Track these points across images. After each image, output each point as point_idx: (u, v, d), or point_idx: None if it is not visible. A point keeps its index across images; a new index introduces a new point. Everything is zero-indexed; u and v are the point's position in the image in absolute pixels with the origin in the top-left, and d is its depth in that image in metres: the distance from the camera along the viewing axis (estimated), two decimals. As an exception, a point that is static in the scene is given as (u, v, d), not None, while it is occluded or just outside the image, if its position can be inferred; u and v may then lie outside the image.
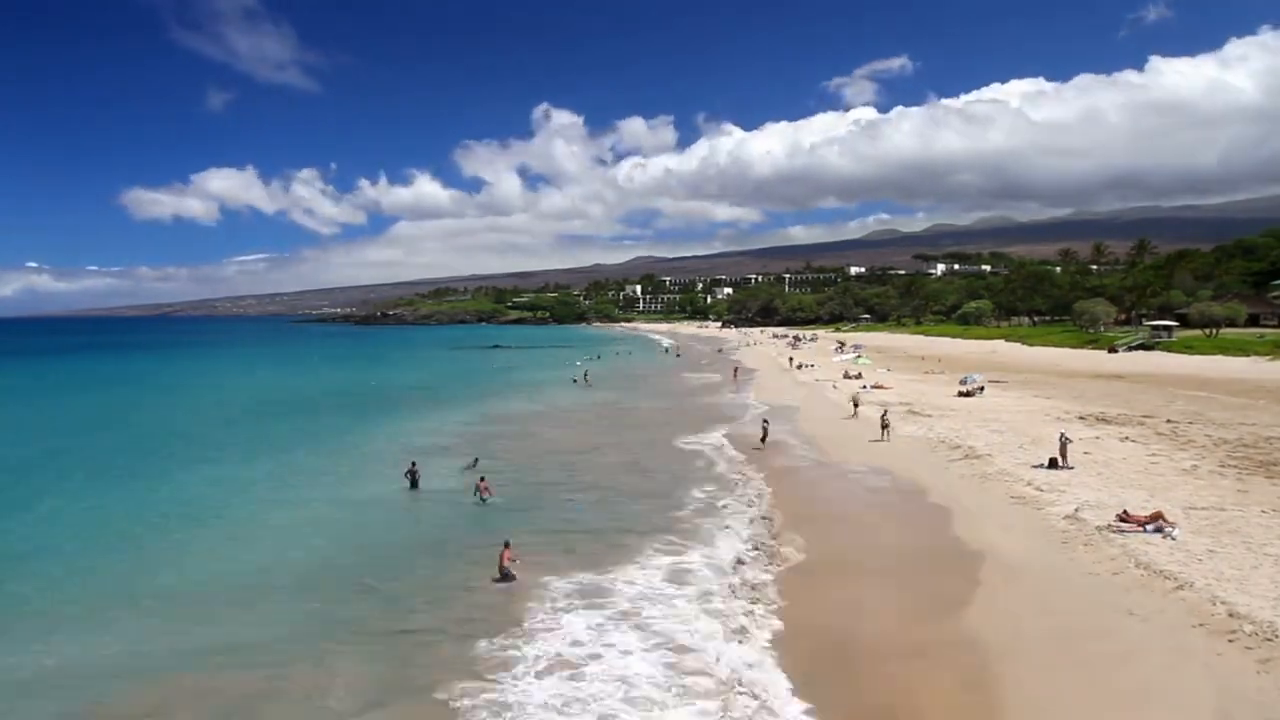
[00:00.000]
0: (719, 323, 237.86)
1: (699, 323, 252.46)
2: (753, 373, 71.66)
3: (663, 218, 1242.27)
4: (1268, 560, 16.20)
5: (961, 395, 47.26)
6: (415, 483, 26.66)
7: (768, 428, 34.62)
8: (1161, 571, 15.84)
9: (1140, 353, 74.96)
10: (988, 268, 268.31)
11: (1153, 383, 52.33)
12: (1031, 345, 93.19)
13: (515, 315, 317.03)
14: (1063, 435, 27.29)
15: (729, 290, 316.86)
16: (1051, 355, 79.95)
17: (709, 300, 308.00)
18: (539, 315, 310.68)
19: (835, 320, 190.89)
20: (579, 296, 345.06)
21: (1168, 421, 35.30)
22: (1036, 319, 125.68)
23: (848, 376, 61.48)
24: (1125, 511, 19.48)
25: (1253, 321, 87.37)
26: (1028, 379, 57.94)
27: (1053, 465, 25.88)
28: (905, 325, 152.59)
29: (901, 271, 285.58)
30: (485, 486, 25.15)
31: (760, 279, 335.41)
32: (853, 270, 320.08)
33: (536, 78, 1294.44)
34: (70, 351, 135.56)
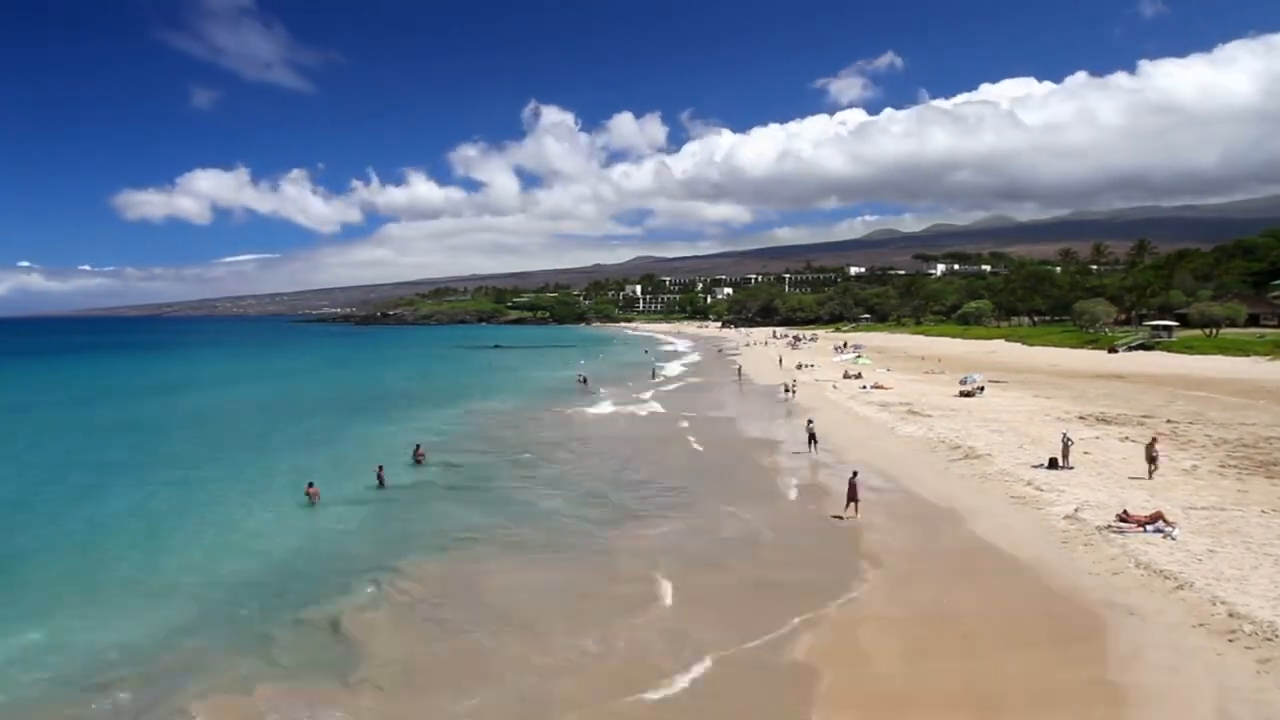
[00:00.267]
0: (719, 323, 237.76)
1: (699, 323, 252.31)
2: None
3: (663, 218, 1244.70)
4: (1268, 560, 16.21)
5: (961, 395, 47.27)
6: (382, 483, 27.14)
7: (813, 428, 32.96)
8: (1161, 571, 15.85)
9: (1140, 353, 74.95)
10: (987, 268, 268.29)
11: (1153, 383, 52.32)
12: (1031, 345, 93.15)
13: (515, 315, 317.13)
14: (1065, 436, 27.25)
15: (729, 290, 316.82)
16: (1051, 355, 79.89)
17: (709, 300, 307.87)
18: (539, 315, 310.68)
19: (835, 320, 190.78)
20: (579, 296, 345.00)
21: (1168, 421, 35.30)
22: (1036, 319, 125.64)
23: (847, 376, 61.50)
24: (1125, 511, 19.49)
25: (1253, 321, 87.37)
26: (1028, 379, 57.92)
27: (1053, 465, 25.89)
28: (905, 325, 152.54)
29: (901, 271, 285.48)
30: (421, 454, 29.57)
31: (760, 279, 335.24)
32: (853, 270, 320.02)
33: (535, 77, 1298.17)
34: (84, 351, 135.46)
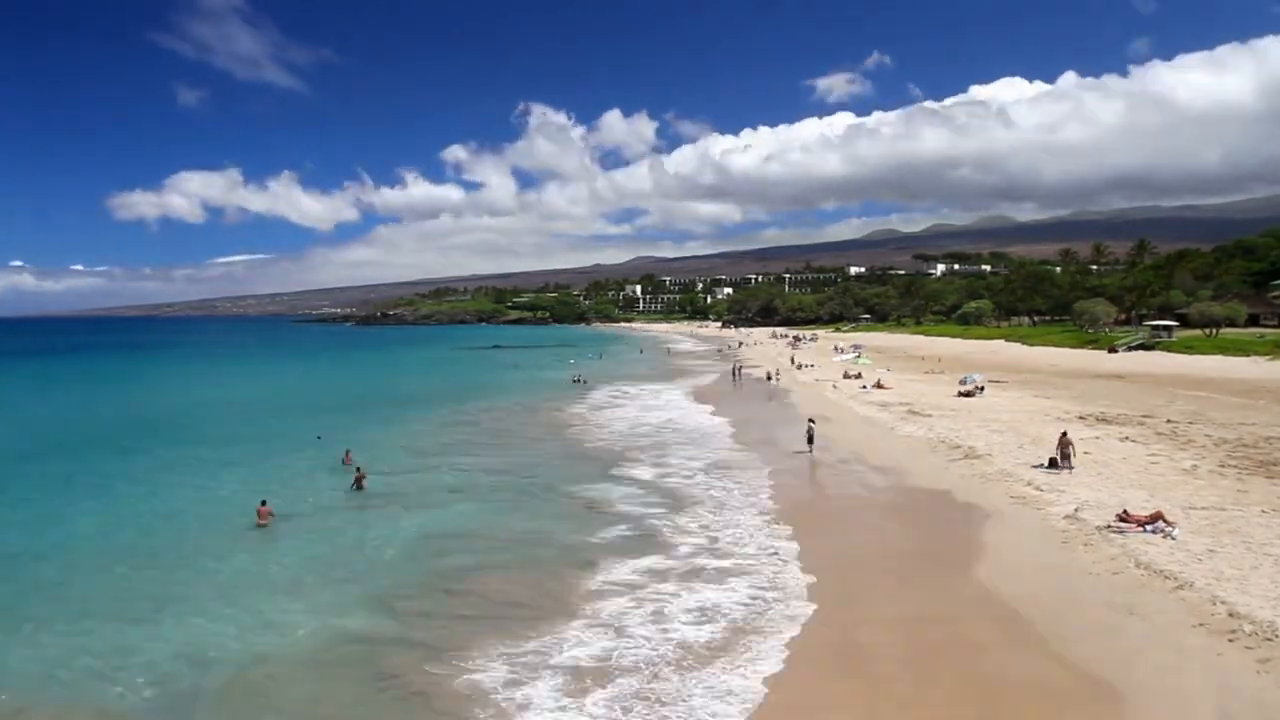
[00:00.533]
0: (719, 323, 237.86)
1: (699, 323, 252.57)
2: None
3: (663, 218, 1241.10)
4: (1268, 560, 16.19)
5: (961, 395, 47.27)
6: (360, 486, 26.82)
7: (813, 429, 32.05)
8: (1161, 571, 15.84)
9: (1140, 353, 74.95)
10: (988, 268, 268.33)
11: (1153, 383, 52.32)
12: (1031, 345, 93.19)
13: (515, 315, 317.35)
14: (1065, 435, 27.02)
15: (729, 290, 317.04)
16: (1051, 355, 79.91)
17: (709, 300, 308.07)
18: (539, 315, 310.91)
19: (835, 320, 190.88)
20: (579, 296, 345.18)
21: (1168, 421, 35.28)
22: (1036, 319, 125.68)
23: (847, 376, 61.51)
24: (1125, 511, 19.48)
25: (1253, 321, 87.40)
26: (1028, 379, 57.93)
27: (1052, 465, 25.87)
28: (905, 325, 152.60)
29: (901, 271, 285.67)
30: (361, 476, 27.11)
31: (760, 279, 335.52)
32: (852, 270, 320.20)
33: (532, 77, 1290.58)
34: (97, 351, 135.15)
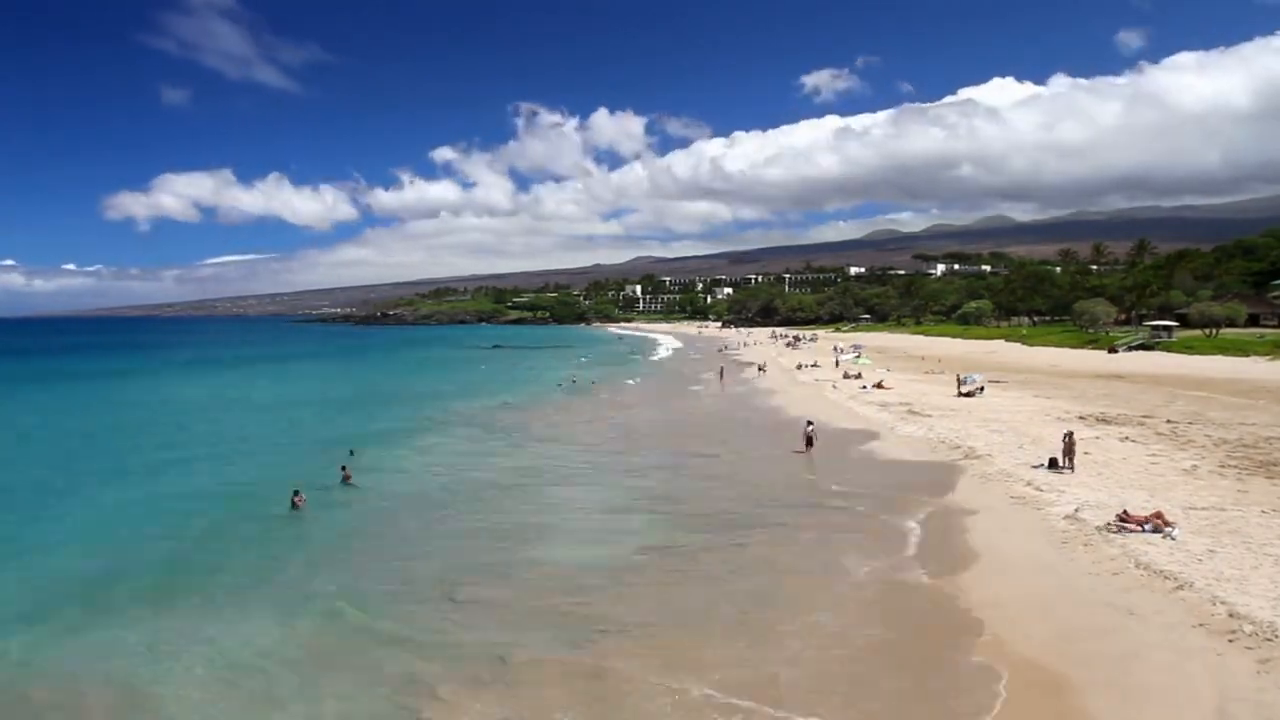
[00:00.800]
0: (719, 323, 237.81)
1: (699, 323, 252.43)
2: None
3: (663, 218, 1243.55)
4: (1268, 560, 16.18)
5: (961, 395, 47.26)
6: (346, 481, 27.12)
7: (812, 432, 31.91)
8: (1161, 571, 15.82)
9: (1140, 353, 74.97)
10: (987, 268, 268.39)
11: (1153, 383, 52.30)
12: (1031, 345, 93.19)
13: (515, 315, 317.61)
14: (1070, 435, 26.77)
15: (729, 290, 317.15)
16: (1051, 355, 79.88)
17: (709, 300, 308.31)
18: (539, 315, 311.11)
19: (835, 320, 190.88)
20: (579, 296, 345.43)
21: (1168, 421, 35.27)
22: (1036, 319, 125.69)
23: (847, 376, 61.48)
24: (1125, 512, 19.47)
25: (1253, 321, 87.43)
26: (1028, 379, 57.90)
27: (1053, 465, 25.86)
28: (905, 325, 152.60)
29: (901, 271, 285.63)
30: (348, 474, 27.09)
31: (760, 279, 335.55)
32: (852, 270, 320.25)
33: (529, 77, 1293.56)
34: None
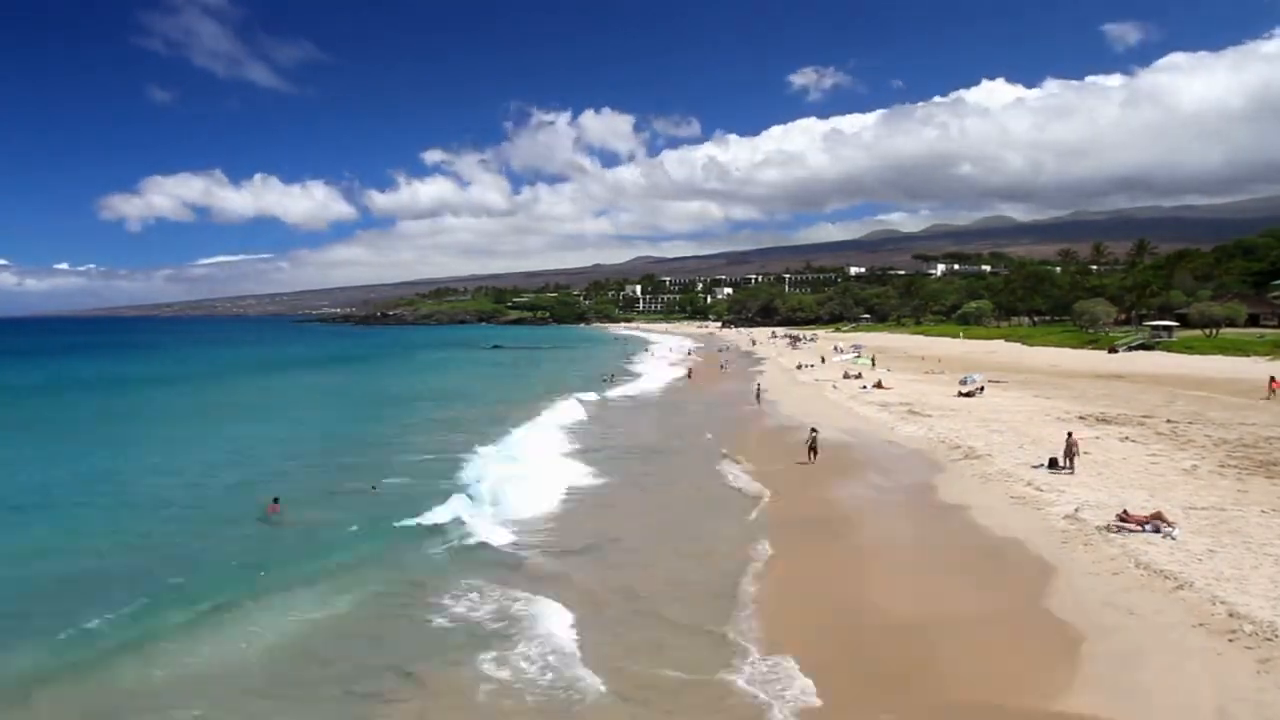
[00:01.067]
0: (719, 323, 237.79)
1: (699, 323, 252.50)
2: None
3: (663, 218, 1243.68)
4: (1268, 560, 16.19)
5: (961, 395, 47.25)
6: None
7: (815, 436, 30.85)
8: (1161, 571, 15.83)
9: (1140, 353, 74.90)
10: (987, 268, 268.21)
11: (1153, 383, 52.28)
12: (1031, 345, 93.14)
13: (515, 315, 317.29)
14: (1070, 436, 26.82)
15: (729, 290, 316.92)
16: (1051, 355, 79.85)
17: (709, 300, 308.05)
18: (539, 315, 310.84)
19: (835, 320, 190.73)
20: (579, 296, 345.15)
21: (1168, 421, 35.25)
22: (1036, 319, 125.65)
23: (847, 376, 61.51)
24: (1125, 511, 19.47)
25: (1253, 321, 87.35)
26: (1028, 379, 57.89)
27: (1053, 465, 25.85)
28: (905, 325, 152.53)
29: (901, 271, 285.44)
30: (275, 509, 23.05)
31: (760, 279, 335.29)
32: (853, 270, 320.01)
33: (527, 77, 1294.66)
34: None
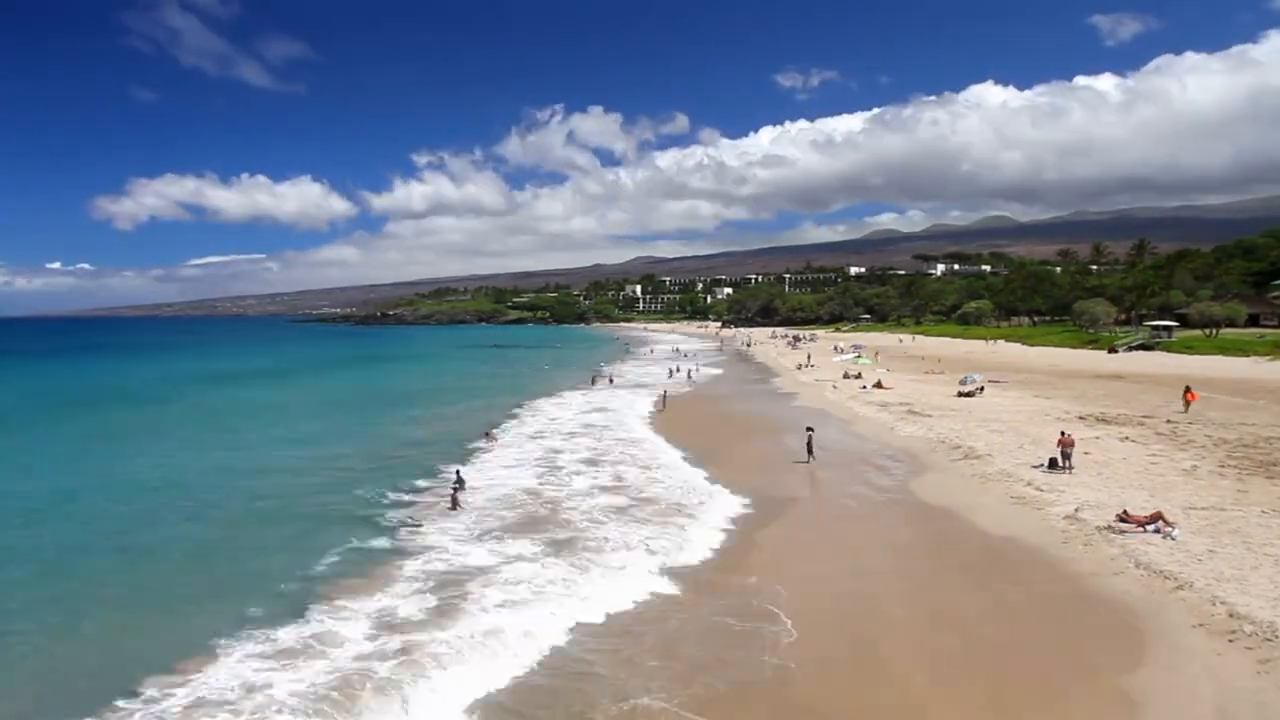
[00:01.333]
0: (719, 323, 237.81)
1: (699, 323, 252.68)
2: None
3: (663, 218, 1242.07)
4: (1268, 560, 16.21)
5: (961, 395, 47.25)
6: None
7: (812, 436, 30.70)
8: (1161, 571, 15.85)
9: (1140, 353, 74.96)
10: (988, 268, 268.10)
11: (1153, 383, 52.27)
12: (1031, 345, 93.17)
13: (515, 315, 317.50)
14: (1066, 435, 26.97)
15: (729, 290, 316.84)
16: (1051, 355, 79.91)
17: (709, 300, 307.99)
18: (539, 315, 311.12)
19: (835, 320, 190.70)
20: (579, 296, 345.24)
21: (1167, 421, 35.27)
22: (1036, 319, 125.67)
23: (847, 376, 61.48)
24: (1125, 511, 19.49)
25: (1253, 321, 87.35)
26: (1028, 379, 57.89)
27: (1052, 466, 25.87)
28: (905, 325, 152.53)
29: (901, 271, 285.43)
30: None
31: (760, 279, 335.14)
32: (853, 270, 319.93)
33: (525, 76, 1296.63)
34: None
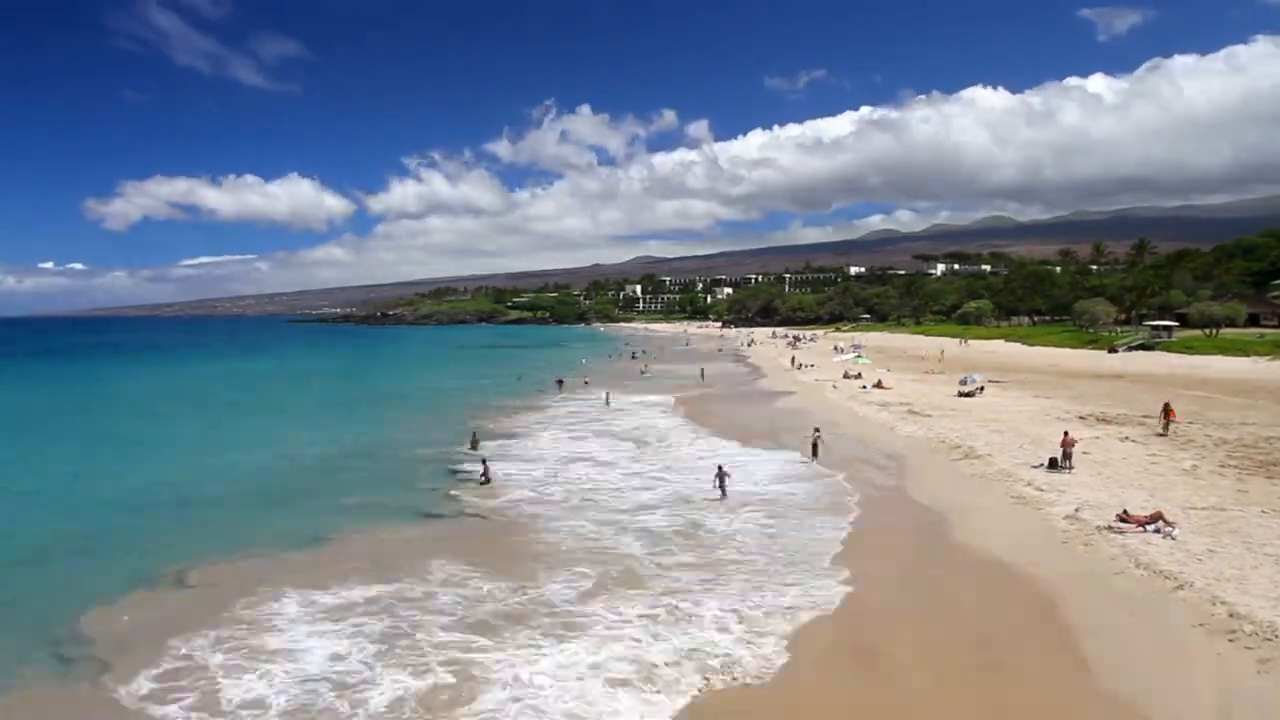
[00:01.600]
0: (719, 323, 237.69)
1: (699, 323, 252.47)
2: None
3: (663, 218, 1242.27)
4: (1268, 560, 16.22)
5: (961, 395, 47.25)
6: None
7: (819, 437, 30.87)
8: (1161, 571, 15.85)
9: (1140, 353, 74.92)
10: (988, 268, 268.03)
11: (1153, 383, 52.28)
12: (1031, 345, 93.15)
13: (515, 315, 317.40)
14: (1066, 434, 27.09)
15: (729, 290, 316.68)
16: (1051, 355, 79.90)
17: (709, 300, 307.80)
18: (539, 315, 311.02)
19: (835, 320, 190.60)
20: (579, 296, 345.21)
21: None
22: (1036, 319, 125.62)
23: (847, 376, 61.48)
24: (1125, 511, 19.49)
25: (1253, 321, 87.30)
26: (1028, 379, 57.89)
27: (1053, 465, 25.88)
28: (905, 325, 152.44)
29: (901, 271, 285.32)
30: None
31: (760, 279, 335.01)
32: (853, 270, 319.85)
33: (524, 76, 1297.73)
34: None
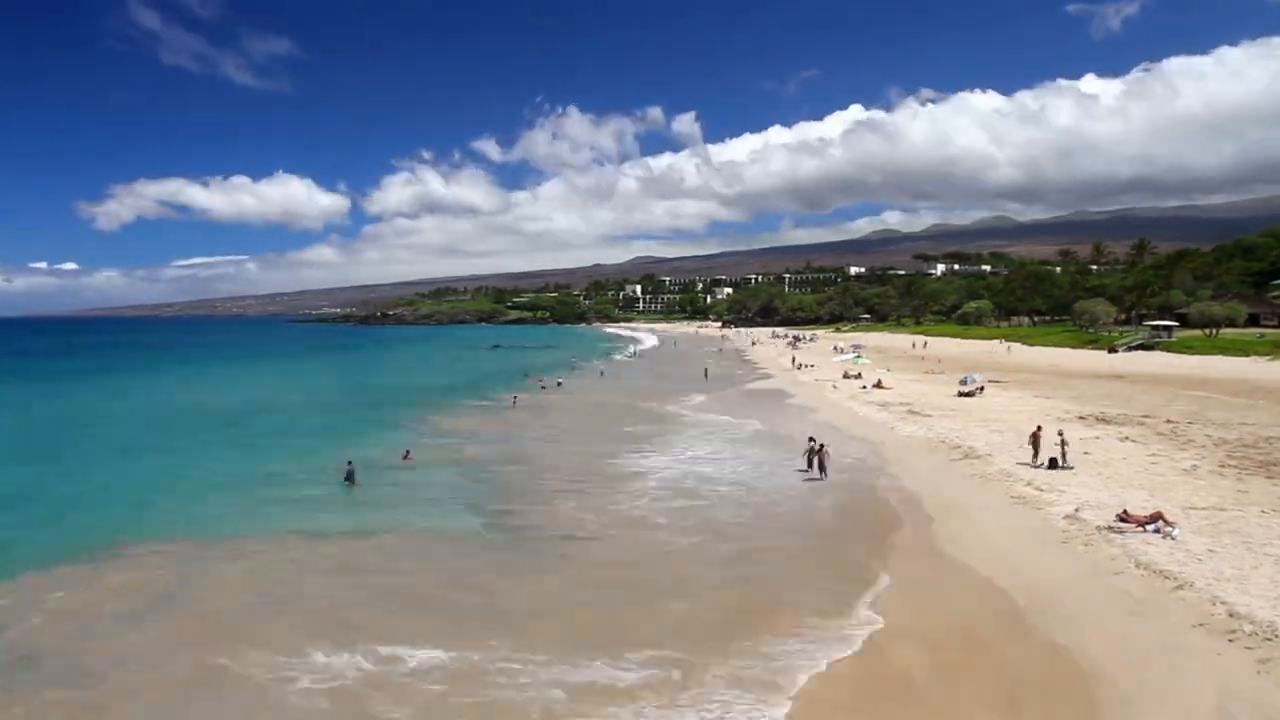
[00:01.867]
0: (719, 323, 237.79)
1: (699, 323, 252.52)
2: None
3: (663, 218, 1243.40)
4: (1268, 560, 16.20)
5: (961, 395, 47.25)
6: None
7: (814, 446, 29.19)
8: (1161, 571, 15.84)
9: (1140, 353, 74.97)
10: (988, 268, 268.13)
11: (1153, 383, 52.28)
12: (1031, 345, 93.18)
13: (515, 315, 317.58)
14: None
15: (729, 290, 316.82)
16: (1051, 355, 79.92)
17: (709, 300, 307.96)
18: (539, 315, 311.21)
19: (835, 320, 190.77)
20: (579, 296, 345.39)
21: (1167, 421, 35.27)
22: (1036, 319, 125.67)
23: (847, 376, 61.53)
24: (1125, 511, 19.48)
25: (1253, 321, 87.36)
26: (1027, 379, 57.90)
27: (1053, 465, 25.88)
28: (905, 325, 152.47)
29: (901, 271, 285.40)
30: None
31: (760, 279, 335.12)
32: (853, 270, 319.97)
33: (523, 75, 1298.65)
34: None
